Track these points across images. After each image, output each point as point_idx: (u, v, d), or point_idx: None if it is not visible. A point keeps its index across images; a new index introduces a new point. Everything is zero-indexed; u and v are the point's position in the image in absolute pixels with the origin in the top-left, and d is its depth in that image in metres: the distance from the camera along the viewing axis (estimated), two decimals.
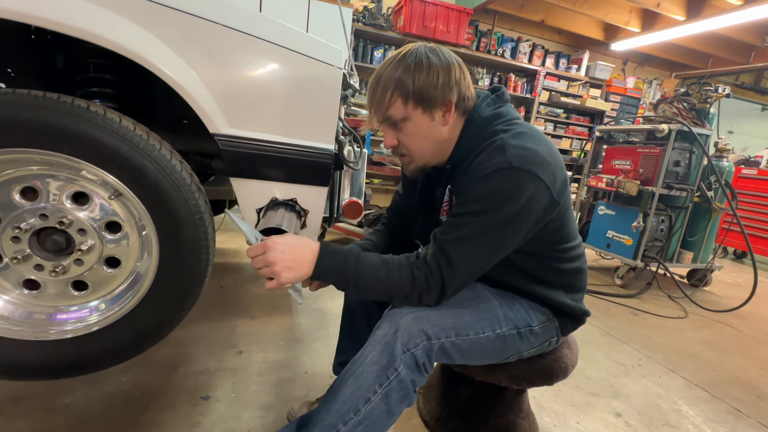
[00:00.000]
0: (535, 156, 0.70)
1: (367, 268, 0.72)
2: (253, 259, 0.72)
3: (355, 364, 0.70)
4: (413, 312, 0.72)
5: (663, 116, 2.67)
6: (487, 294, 0.82)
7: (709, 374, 1.62)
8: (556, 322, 0.86)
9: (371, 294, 0.74)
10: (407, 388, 0.69)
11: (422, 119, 0.76)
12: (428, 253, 0.73)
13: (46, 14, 0.77)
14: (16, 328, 0.94)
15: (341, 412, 0.67)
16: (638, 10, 4.67)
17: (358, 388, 0.67)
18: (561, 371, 0.91)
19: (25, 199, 0.89)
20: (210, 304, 1.64)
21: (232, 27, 0.90)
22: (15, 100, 0.78)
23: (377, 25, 4.11)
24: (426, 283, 0.71)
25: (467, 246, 0.70)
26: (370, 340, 0.72)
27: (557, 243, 0.82)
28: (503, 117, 0.79)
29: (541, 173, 0.69)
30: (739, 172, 4.06)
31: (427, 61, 0.74)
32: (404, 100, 0.74)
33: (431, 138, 0.79)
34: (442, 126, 0.78)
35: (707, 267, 2.82)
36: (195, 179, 0.95)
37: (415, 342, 0.69)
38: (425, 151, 0.81)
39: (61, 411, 0.97)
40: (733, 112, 5.82)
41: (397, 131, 0.79)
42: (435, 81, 0.74)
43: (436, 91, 0.74)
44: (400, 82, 0.73)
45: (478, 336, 0.76)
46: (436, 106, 0.76)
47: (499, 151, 0.70)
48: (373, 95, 0.78)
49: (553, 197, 0.72)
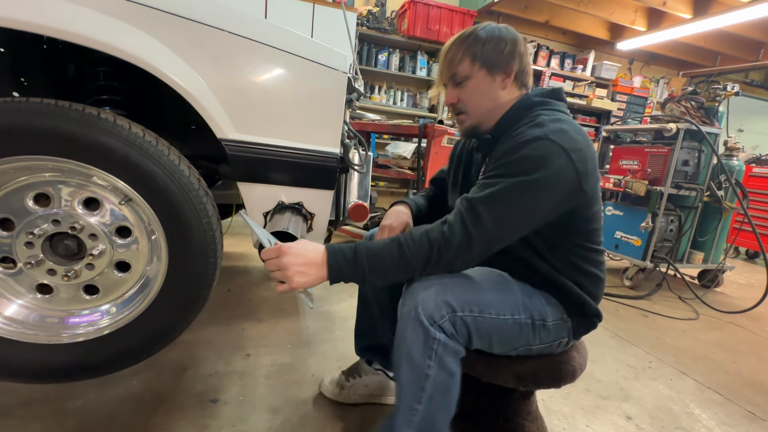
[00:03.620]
0: (572, 139, 0.73)
1: (378, 249, 0.72)
2: (266, 262, 0.74)
3: (400, 348, 0.73)
4: (435, 285, 0.72)
5: (671, 115, 2.64)
6: (509, 279, 0.83)
7: (722, 377, 1.59)
8: (569, 323, 0.85)
9: (392, 274, 0.73)
10: (454, 346, 0.72)
11: (484, 79, 0.83)
12: (450, 215, 0.73)
13: (58, 24, 0.79)
14: (30, 331, 0.96)
15: (411, 393, 0.72)
16: (644, 9, 4.64)
17: (412, 368, 0.71)
18: (569, 374, 0.89)
19: (38, 205, 0.91)
20: (218, 307, 1.65)
21: (238, 33, 0.92)
22: (28, 108, 0.80)
23: (381, 29, 4.13)
24: (444, 239, 0.70)
25: (496, 202, 0.71)
26: (399, 319, 0.74)
27: (581, 238, 0.83)
28: (550, 105, 0.83)
29: (574, 155, 0.71)
30: (750, 171, 3.99)
31: (498, 32, 0.83)
32: (472, 59, 0.82)
33: (489, 98, 0.85)
34: (501, 89, 0.85)
35: (718, 267, 2.77)
36: (203, 184, 0.96)
37: (441, 314, 0.70)
38: (481, 110, 0.86)
39: (73, 414, 0.98)
40: (743, 110, 5.72)
41: (460, 89, 0.86)
42: (502, 48, 0.82)
43: (501, 56, 0.82)
44: (471, 46, 0.82)
45: (499, 317, 0.76)
46: (498, 70, 0.83)
47: (539, 126, 0.75)
48: (446, 55, 0.86)
49: (581, 183, 0.73)
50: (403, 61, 4.38)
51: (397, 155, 3.06)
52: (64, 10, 0.79)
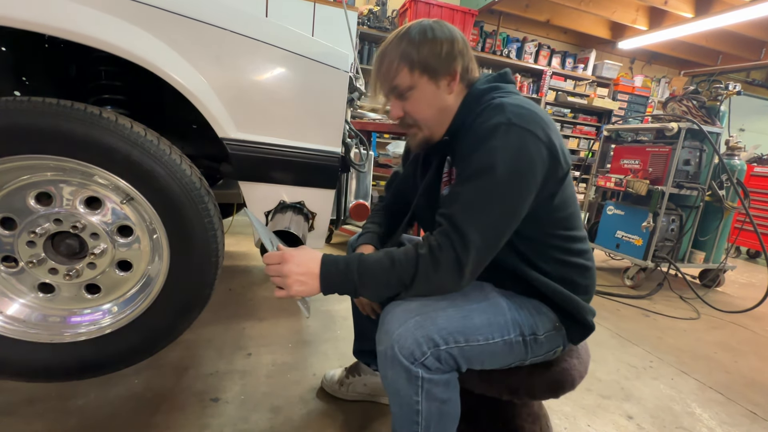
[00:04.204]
0: (534, 116, 0.69)
1: (370, 263, 0.70)
2: (267, 266, 0.73)
3: (385, 383, 0.71)
4: (413, 316, 0.68)
5: (672, 115, 2.63)
6: (495, 295, 0.79)
7: (723, 376, 1.59)
8: (563, 331, 0.81)
9: (382, 290, 0.71)
10: (441, 377, 0.69)
11: (428, 87, 0.77)
12: (437, 233, 0.70)
13: (60, 24, 0.79)
14: (32, 330, 0.96)
15: (407, 427, 0.71)
16: (645, 8, 4.63)
17: (402, 405, 0.70)
18: (567, 384, 0.85)
19: (40, 204, 0.91)
20: (219, 306, 1.65)
21: (239, 32, 0.92)
22: (30, 107, 0.80)
23: (382, 28, 4.13)
24: (432, 258, 0.67)
25: (476, 211, 0.67)
26: (378, 356, 0.71)
27: (559, 227, 0.78)
28: (501, 89, 0.78)
29: (540, 133, 0.68)
30: (752, 171, 3.99)
31: (431, 33, 0.75)
32: (410, 68, 0.75)
33: (436, 106, 0.79)
34: (447, 94, 0.79)
35: (720, 267, 2.77)
36: (204, 183, 0.96)
37: (421, 351, 0.66)
38: (431, 120, 0.80)
39: (75, 412, 0.98)
40: (745, 109, 5.72)
41: (404, 101, 0.79)
42: (439, 50, 0.75)
43: (441, 60, 0.75)
44: (405, 52, 0.74)
45: (488, 342, 0.73)
46: (441, 74, 0.76)
47: (498, 110, 0.71)
48: (379, 67, 0.78)
49: (556, 157, 0.70)
50: None
51: (398, 154, 3.06)
52: (66, 10, 0.79)
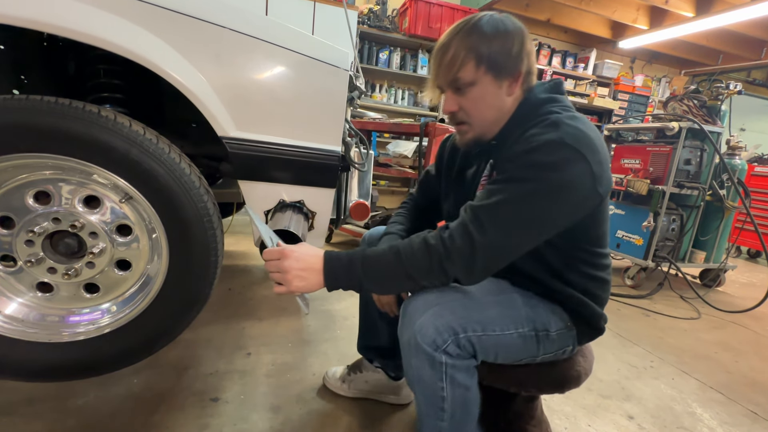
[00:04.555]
0: (589, 141, 0.67)
1: (375, 257, 0.69)
2: (267, 262, 0.73)
3: (409, 374, 0.71)
4: (432, 306, 0.68)
5: (673, 114, 2.63)
6: (510, 289, 0.79)
7: (724, 376, 1.59)
8: (574, 331, 0.82)
9: (389, 284, 0.70)
10: (463, 363, 0.69)
11: (490, 85, 0.73)
12: (453, 223, 0.68)
13: (59, 22, 0.79)
14: (30, 330, 0.95)
15: (432, 415, 0.71)
16: (646, 8, 4.62)
17: (426, 393, 0.70)
18: (573, 379, 0.86)
19: (39, 203, 0.91)
20: (218, 306, 1.65)
21: (239, 31, 0.91)
22: (28, 105, 0.80)
23: (382, 27, 4.12)
24: (444, 249, 0.66)
25: (503, 212, 0.65)
26: (401, 347, 0.71)
27: (587, 243, 0.78)
28: (560, 102, 0.75)
29: (591, 159, 0.65)
30: (752, 170, 3.99)
31: (503, 27, 0.71)
32: (477, 63, 0.71)
33: (495, 107, 0.76)
34: (507, 96, 0.75)
35: (720, 267, 2.76)
36: (203, 182, 0.96)
37: (443, 338, 0.66)
38: (486, 120, 0.77)
39: (74, 412, 0.98)
40: (745, 109, 5.70)
41: (461, 96, 0.75)
42: (510, 48, 0.71)
43: (509, 58, 0.72)
44: (475, 45, 0.70)
45: (504, 333, 0.73)
46: (505, 74, 0.73)
47: (553, 127, 0.67)
48: (442, 57, 0.74)
49: (597, 188, 0.68)
50: (404, 59, 4.37)
51: (398, 154, 3.06)
52: (66, 8, 0.79)
